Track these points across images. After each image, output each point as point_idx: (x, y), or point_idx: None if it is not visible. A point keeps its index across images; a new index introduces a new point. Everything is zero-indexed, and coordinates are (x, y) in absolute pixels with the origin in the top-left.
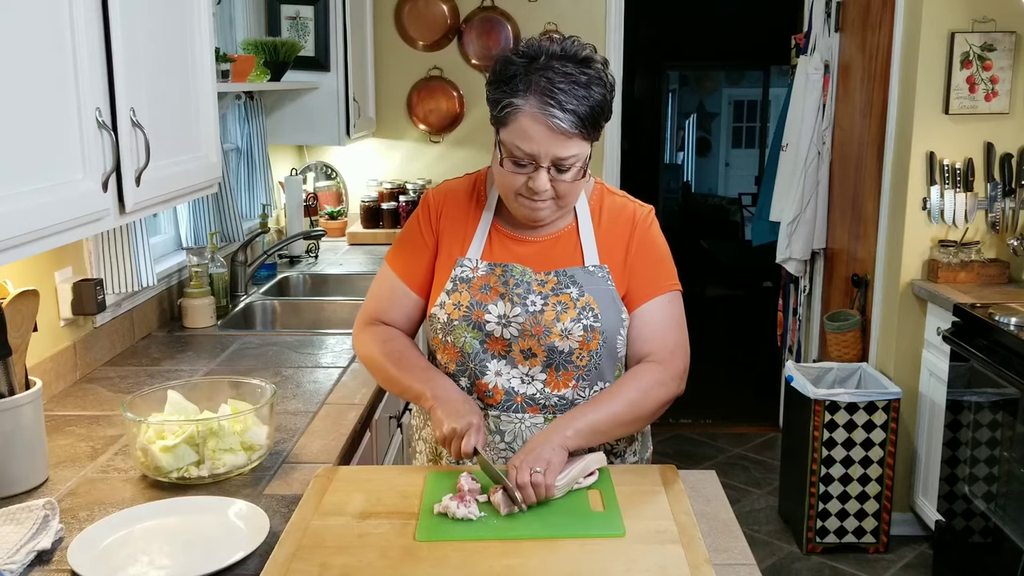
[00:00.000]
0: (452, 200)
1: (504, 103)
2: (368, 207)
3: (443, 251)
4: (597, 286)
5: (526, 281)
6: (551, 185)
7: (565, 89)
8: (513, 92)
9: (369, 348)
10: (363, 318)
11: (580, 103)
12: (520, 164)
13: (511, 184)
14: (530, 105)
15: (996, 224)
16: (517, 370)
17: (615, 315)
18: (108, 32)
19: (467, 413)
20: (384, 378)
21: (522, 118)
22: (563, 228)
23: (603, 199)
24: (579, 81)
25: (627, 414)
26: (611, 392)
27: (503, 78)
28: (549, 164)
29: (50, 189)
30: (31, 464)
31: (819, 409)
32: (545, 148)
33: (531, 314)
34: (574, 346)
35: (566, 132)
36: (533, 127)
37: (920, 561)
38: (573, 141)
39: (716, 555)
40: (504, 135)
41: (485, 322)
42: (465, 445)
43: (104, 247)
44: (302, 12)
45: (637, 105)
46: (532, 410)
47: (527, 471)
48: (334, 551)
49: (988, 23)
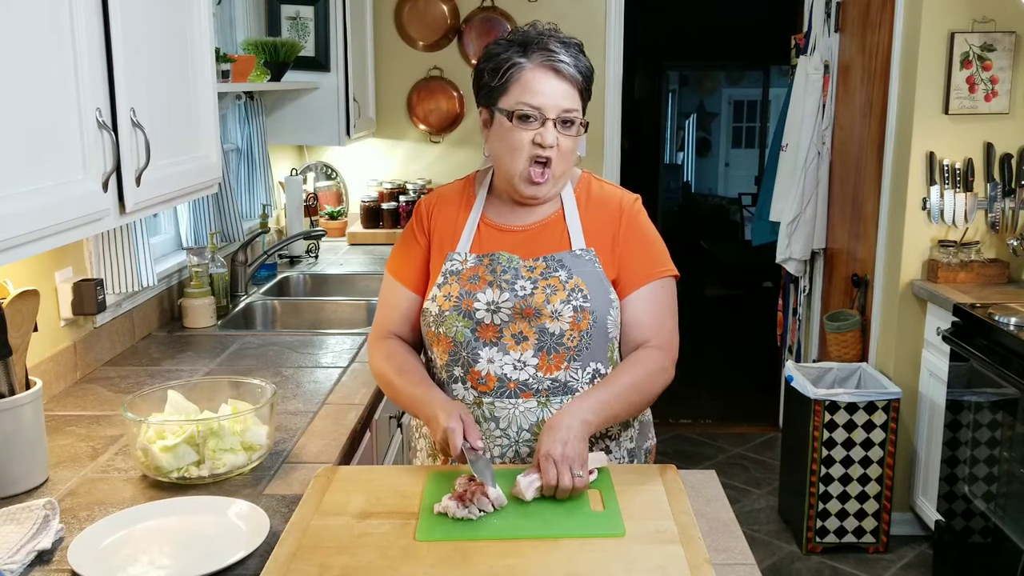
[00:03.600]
0: (442, 203)
1: (507, 66)
2: (368, 207)
3: (435, 250)
4: (585, 268)
5: (514, 267)
6: (556, 143)
7: (562, 49)
8: (519, 54)
9: (378, 364)
10: (374, 332)
11: (577, 61)
12: (527, 119)
13: (519, 144)
14: (534, 61)
15: (996, 224)
16: (509, 356)
17: (604, 296)
18: (108, 32)
19: (446, 419)
20: (392, 393)
21: (527, 73)
22: (550, 216)
23: (590, 187)
24: (570, 47)
25: (635, 396)
26: (619, 374)
27: (499, 51)
28: (556, 116)
29: (50, 189)
30: (31, 464)
31: (819, 409)
32: (552, 99)
33: (520, 298)
34: (565, 327)
35: (572, 78)
36: (540, 79)
37: (920, 561)
38: (574, 92)
39: (716, 555)
40: (507, 101)
41: (475, 310)
42: (452, 449)
43: (104, 247)
44: (302, 12)
45: (637, 105)
46: (525, 395)
47: (568, 472)
48: (334, 551)
49: (988, 23)
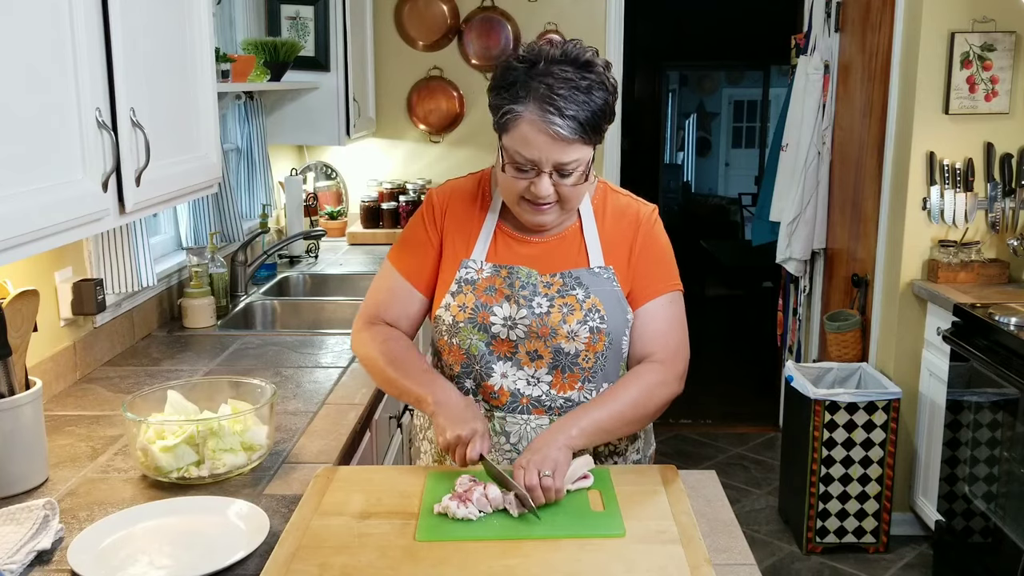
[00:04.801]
0: (457, 200)
1: (505, 109)
2: (368, 207)
3: (447, 251)
4: (603, 287)
5: (532, 283)
6: (554, 189)
7: (565, 95)
8: (513, 99)
9: (368, 348)
10: (363, 317)
11: (581, 108)
12: (522, 169)
13: (514, 189)
14: (530, 112)
15: (996, 224)
16: (523, 372)
17: (621, 316)
18: (108, 32)
19: (471, 419)
20: (383, 379)
21: (522, 124)
22: (567, 228)
23: (607, 199)
24: (579, 86)
25: (631, 413)
26: (615, 391)
27: (503, 84)
28: (551, 169)
29: (50, 189)
30: (31, 464)
31: (819, 409)
32: (546, 154)
33: (537, 316)
34: (580, 348)
35: (566, 138)
36: (533, 134)
37: (920, 561)
38: (574, 147)
39: (716, 555)
40: (506, 141)
41: (491, 324)
42: (471, 452)
43: (104, 247)
44: (302, 12)
45: (637, 105)
46: (538, 412)
47: (535, 473)
48: (334, 551)
49: (988, 23)
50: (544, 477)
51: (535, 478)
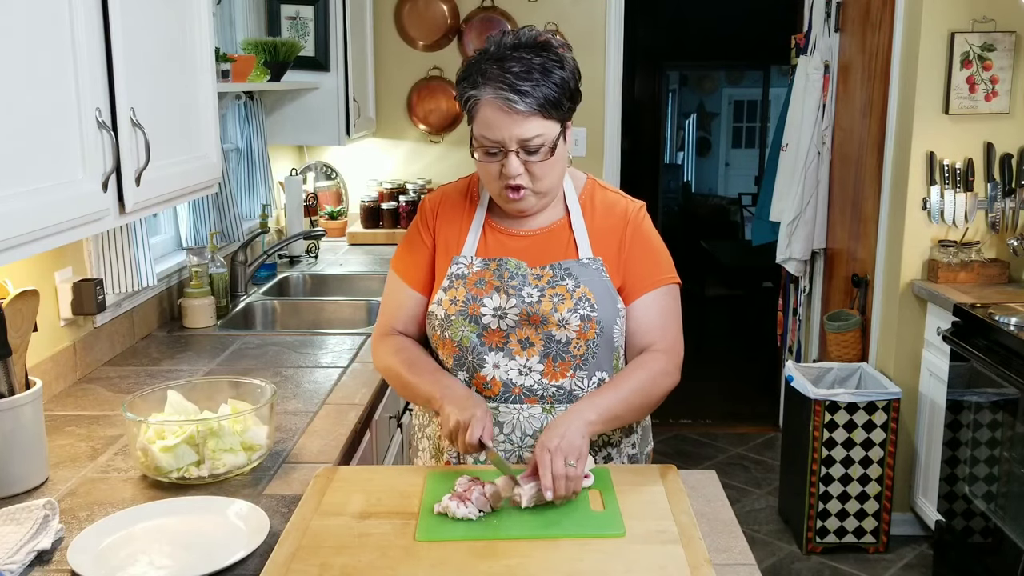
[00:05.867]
0: (447, 202)
1: (466, 96)
2: (368, 207)
3: (440, 251)
4: (592, 277)
5: (521, 274)
6: (525, 169)
7: (518, 72)
8: (472, 85)
9: (386, 360)
10: (379, 329)
11: (535, 85)
12: (491, 152)
13: (489, 174)
14: (486, 93)
15: (996, 224)
16: (515, 361)
17: (611, 305)
18: (108, 32)
19: (471, 406)
20: (401, 386)
21: (483, 108)
22: (555, 222)
23: (594, 194)
24: (532, 64)
25: (638, 400)
26: (621, 378)
27: (464, 76)
28: (516, 148)
29: (50, 189)
30: (31, 464)
31: (819, 409)
32: (507, 132)
33: (528, 304)
34: (571, 335)
35: (522, 112)
36: (492, 113)
37: (920, 561)
38: (533, 121)
39: (716, 555)
40: (474, 129)
41: (481, 315)
42: (470, 436)
43: (104, 247)
44: (302, 12)
45: (637, 105)
46: (530, 401)
47: (561, 460)
48: (334, 551)
49: (988, 23)
50: (569, 467)
51: (562, 466)
